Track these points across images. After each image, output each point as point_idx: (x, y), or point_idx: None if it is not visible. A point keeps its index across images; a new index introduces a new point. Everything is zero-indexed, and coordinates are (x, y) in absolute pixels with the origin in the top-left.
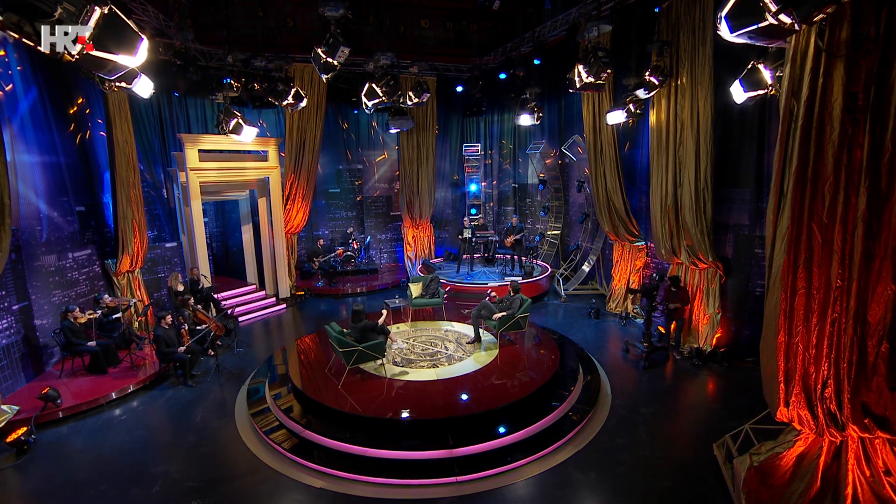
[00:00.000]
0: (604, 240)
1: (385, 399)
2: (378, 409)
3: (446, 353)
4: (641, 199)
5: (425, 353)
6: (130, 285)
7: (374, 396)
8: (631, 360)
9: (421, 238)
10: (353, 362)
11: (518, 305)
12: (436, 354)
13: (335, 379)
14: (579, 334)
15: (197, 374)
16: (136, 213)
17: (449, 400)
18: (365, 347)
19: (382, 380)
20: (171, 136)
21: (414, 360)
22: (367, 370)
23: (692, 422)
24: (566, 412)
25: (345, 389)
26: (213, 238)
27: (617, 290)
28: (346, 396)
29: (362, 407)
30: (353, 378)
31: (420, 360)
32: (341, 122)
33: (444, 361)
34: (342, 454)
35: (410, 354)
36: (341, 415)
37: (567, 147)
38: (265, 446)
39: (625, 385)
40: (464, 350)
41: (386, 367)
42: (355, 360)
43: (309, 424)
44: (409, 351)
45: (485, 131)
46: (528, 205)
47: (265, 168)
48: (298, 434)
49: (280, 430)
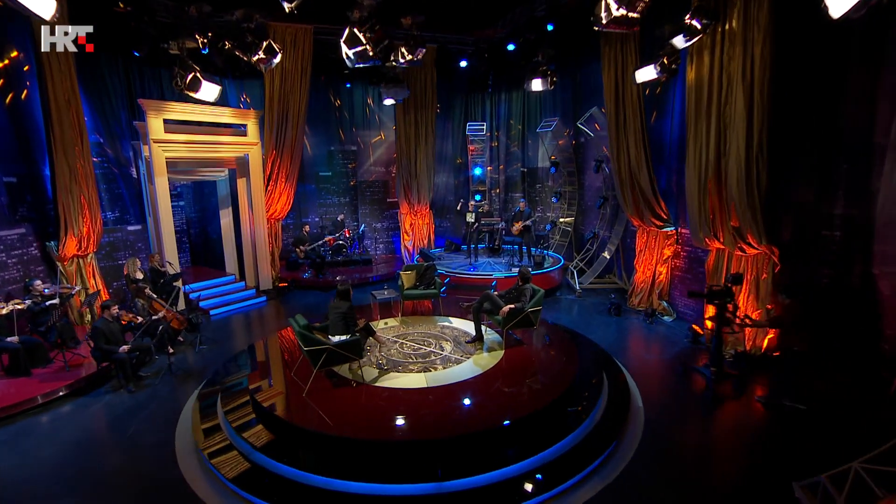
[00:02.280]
0: (624, 226)
1: (359, 412)
2: (349, 426)
3: (441, 354)
4: (671, 177)
5: (416, 355)
6: (81, 273)
7: (346, 408)
8: (694, 392)
9: (419, 226)
10: (321, 364)
11: (529, 297)
12: (428, 356)
13: (302, 384)
14: (598, 333)
15: (146, 375)
16: (84, 188)
17: (440, 414)
18: (337, 346)
19: (359, 387)
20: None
21: (401, 363)
22: (341, 374)
23: (748, 444)
24: (589, 431)
25: (311, 398)
26: (192, 224)
27: (641, 283)
28: (311, 407)
29: (328, 422)
30: (322, 384)
31: (409, 363)
32: (333, 99)
33: (438, 364)
34: (298, 486)
35: (397, 355)
36: (302, 432)
37: (583, 122)
38: (206, 474)
39: (658, 395)
40: (463, 351)
41: (364, 370)
42: (325, 362)
43: (262, 445)
44: (396, 352)
45: (491, 111)
46: (539, 191)
47: (244, 144)
48: (249, 457)
49: (230, 451)
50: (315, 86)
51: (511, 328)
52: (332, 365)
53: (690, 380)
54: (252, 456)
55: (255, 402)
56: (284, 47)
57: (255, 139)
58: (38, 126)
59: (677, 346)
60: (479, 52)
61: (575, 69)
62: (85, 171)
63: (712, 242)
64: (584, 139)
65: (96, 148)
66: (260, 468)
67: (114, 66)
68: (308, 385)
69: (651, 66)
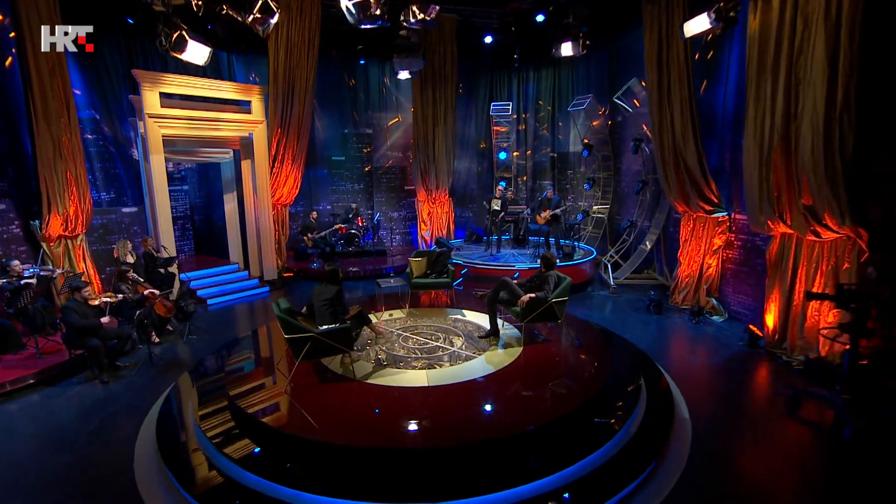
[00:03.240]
0: (667, 214)
1: (346, 413)
2: (331, 429)
3: (450, 350)
4: (724, 153)
5: (421, 350)
6: (70, 255)
7: (331, 408)
8: (757, 401)
9: (438, 215)
10: (304, 355)
11: (553, 286)
12: (435, 351)
13: (287, 378)
14: (636, 333)
15: (124, 365)
16: (71, 164)
17: (440, 418)
18: (323, 335)
19: (349, 384)
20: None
21: (403, 358)
22: (332, 368)
23: (825, 468)
24: (622, 446)
25: (293, 395)
26: (196, 210)
27: (685, 278)
28: (292, 406)
29: (312, 423)
30: (309, 380)
31: (412, 359)
32: (347, 78)
33: (445, 361)
34: (261, 498)
35: (400, 350)
36: (277, 434)
37: (620, 96)
38: (163, 478)
39: (710, 405)
40: (475, 347)
41: (359, 365)
42: (310, 352)
43: (227, 448)
44: (399, 346)
45: (518, 91)
46: (570, 178)
47: (248, 122)
48: (220, 467)
49: (195, 452)
50: (326, 62)
51: (531, 321)
52: (319, 357)
53: (751, 388)
54: (216, 459)
55: (231, 401)
56: (290, 15)
57: (260, 117)
58: (22, 96)
59: (730, 349)
60: (505, 25)
61: (611, 39)
62: (72, 145)
63: (776, 226)
64: (620, 118)
65: (91, 124)
66: (226, 476)
67: (113, 40)
68: (289, 379)
69: (704, 14)
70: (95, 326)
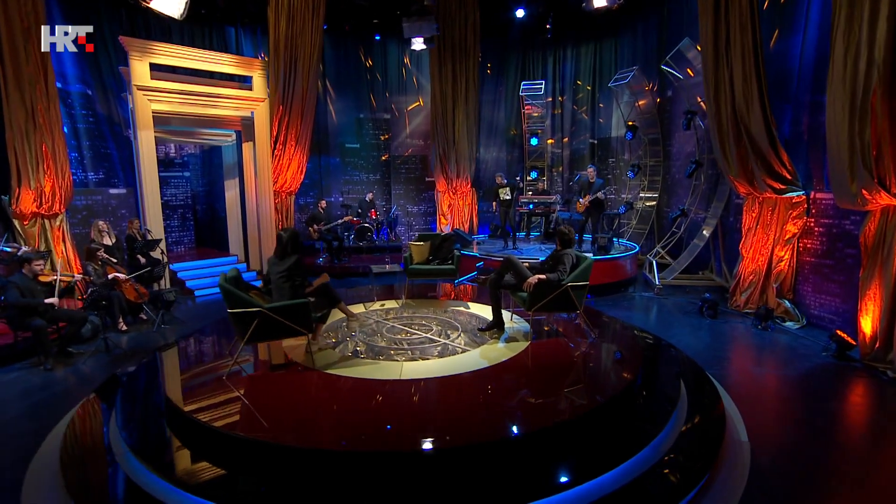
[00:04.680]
0: (726, 201)
1: (294, 406)
2: (268, 426)
3: (440, 341)
4: (800, 118)
5: (408, 341)
6: (46, 235)
7: (277, 400)
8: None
9: (459, 207)
10: (250, 336)
11: (570, 267)
12: (424, 342)
13: (238, 363)
14: (683, 338)
15: (78, 352)
16: (48, 136)
17: (404, 418)
18: (273, 310)
19: (304, 373)
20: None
21: (384, 350)
22: (293, 357)
23: None
24: (648, 468)
25: (237, 383)
26: (198, 199)
27: (749, 275)
28: (232, 396)
29: (241, 419)
30: (260, 367)
31: (395, 349)
32: (364, 58)
33: (434, 353)
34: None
35: (382, 341)
36: (203, 429)
37: (670, 62)
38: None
39: (777, 430)
40: (473, 341)
41: (322, 353)
42: (259, 333)
43: (139, 447)
44: (381, 337)
45: (554, 70)
46: (612, 166)
47: (248, 100)
48: (130, 471)
49: (98, 448)
50: (340, 40)
51: (541, 310)
52: (271, 339)
53: (840, 412)
54: (125, 457)
55: (164, 393)
56: None
57: (262, 94)
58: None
59: (809, 361)
60: None
61: (661, 4)
62: (49, 116)
63: (875, 197)
64: (670, 92)
65: (81, 99)
66: (135, 484)
67: (110, 10)
68: (232, 363)
69: None
70: (36, 305)
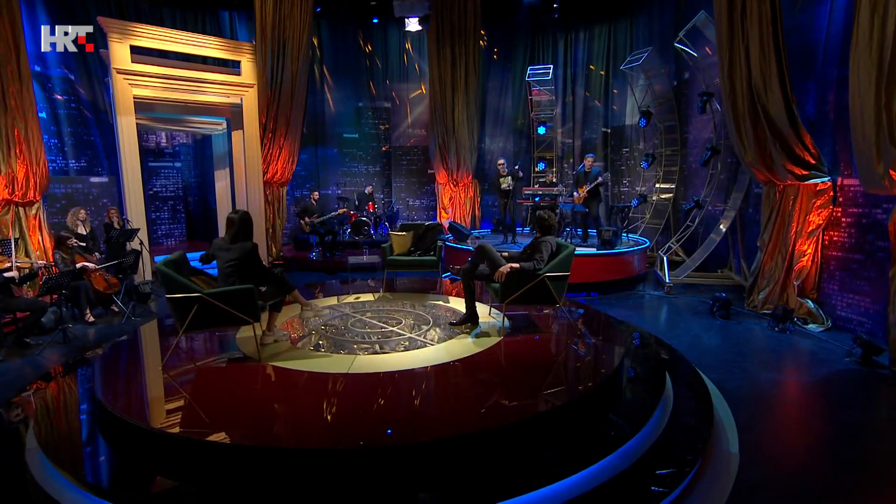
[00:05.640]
0: (745, 191)
1: (221, 398)
2: (189, 417)
3: (410, 335)
4: (825, 96)
5: (372, 335)
6: (21, 223)
7: (215, 393)
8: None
9: (461, 200)
10: (188, 324)
11: (548, 256)
12: (390, 336)
13: (187, 355)
14: (685, 339)
15: (36, 343)
16: (20, 119)
17: (344, 414)
18: (214, 296)
19: (245, 364)
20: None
21: (346, 343)
22: (243, 348)
23: None
24: (607, 480)
25: (173, 374)
26: (190, 191)
27: (768, 272)
28: (169, 389)
29: (157, 409)
30: (202, 359)
31: (360, 344)
32: (362, 43)
33: (399, 347)
34: None
35: (342, 334)
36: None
37: (684, 40)
38: None
39: (782, 447)
40: (445, 334)
41: (271, 346)
42: (198, 320)
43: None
44: (344, 330)
45: (565, 55)
46: (626, 156)
47: (236, 86)
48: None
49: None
50: (337, 24)
51: (514, 302)
52: (213, 327)
53: (863, 425)
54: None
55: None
56: None
57: (251, 80)
58: None
59: (829, 366)
60: None
61: None
62: (21, 98)
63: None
64: (688, 74)
65: (63, 84)
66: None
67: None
68: (168, 355)
69: None
70: None
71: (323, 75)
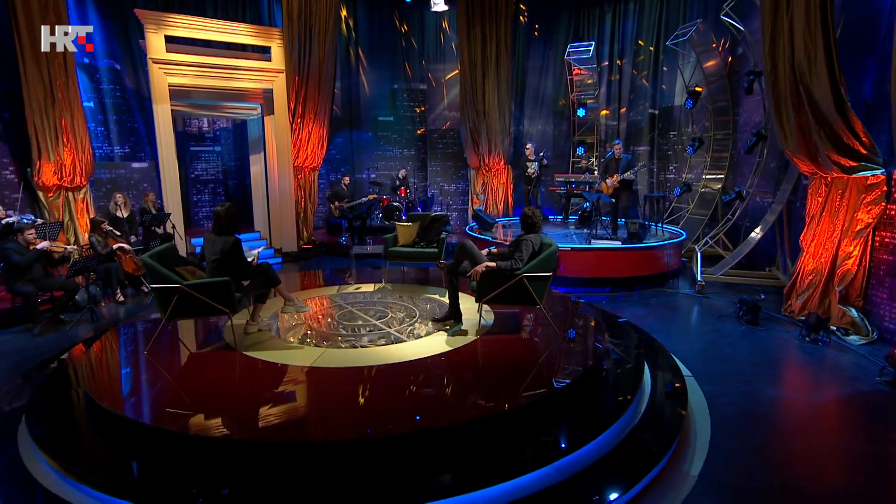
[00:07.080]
0: (795, 182)
1: (184, 384)
2: (167, 407)
3: (387, 329)
4: (884, 76)
5: (361, 327)
6: (69, 207)
7: (196, 381)
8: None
9: (493, 187)
10: (171, 312)
11: (528, 255)
12: (374, 330)
13: (170, 342)
14: (695, 346)
15: (70, 319)
16: (66, 110)
17: (296, 408)
18: (193, 287)
19: (222, 353)
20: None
21: (331, 336)
22: (227, 336)
23: None
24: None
25: (157, 360)
26: (230, 174)
27: (809, 274)
28: (151, 373)
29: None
30: (188, 345)
31: (344, 337)
32: (398, 23)
33: (381, 341)
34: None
35: (324, 327)
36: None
37: (731, 11)
38: None
39: (757, 464)
40: (427, 329)
41: (253, 335)
42: (178, 310)
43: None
44: (327, 323)
45: (613, 30)
46: (673, 140)
47: (267, 72)
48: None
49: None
50: (373, 4)
51: (493, 302)
52: (193, 316)
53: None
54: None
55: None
56: None
57: (281, 65)
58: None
59: (852, 386)
60: None
61: None
62: (68, 90)
63: None
64: (741, 49)
65: (110, 74)
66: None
67: None
68: (151, 342)
69: None
70: (27, 266)
71: (358, 57)
